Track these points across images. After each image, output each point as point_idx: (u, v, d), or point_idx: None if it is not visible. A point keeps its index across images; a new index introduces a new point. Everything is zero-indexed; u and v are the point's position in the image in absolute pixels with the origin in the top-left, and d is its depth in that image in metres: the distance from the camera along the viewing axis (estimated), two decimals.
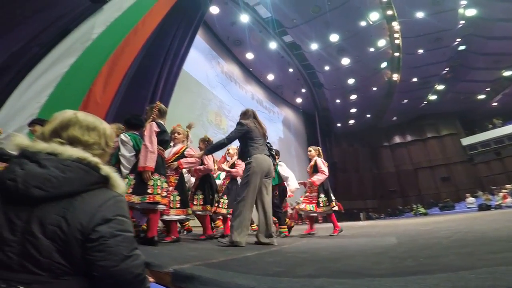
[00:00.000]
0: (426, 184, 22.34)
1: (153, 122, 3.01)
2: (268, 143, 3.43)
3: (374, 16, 13.85)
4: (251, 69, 16.83)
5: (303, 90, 19.33)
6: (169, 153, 3.54)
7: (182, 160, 3.49)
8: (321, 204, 4.39)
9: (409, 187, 22.66)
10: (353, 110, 21.38)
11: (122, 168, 3.00)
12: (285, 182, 4.90)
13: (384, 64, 17.04)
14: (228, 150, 4.83)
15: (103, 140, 1.04)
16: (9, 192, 0.82)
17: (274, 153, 3.50)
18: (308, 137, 21.24)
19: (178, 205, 3.27)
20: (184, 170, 3.70)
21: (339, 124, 22.78)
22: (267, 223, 3.01)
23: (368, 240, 3.59)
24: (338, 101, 19.92)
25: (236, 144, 3.71)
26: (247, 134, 3.17)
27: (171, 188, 3.30)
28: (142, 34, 7.14)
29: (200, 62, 12.08)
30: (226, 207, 4.12)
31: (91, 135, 1.00)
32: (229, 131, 15.28)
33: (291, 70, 17.24)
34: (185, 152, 3.53)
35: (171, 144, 3.66)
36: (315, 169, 4.60)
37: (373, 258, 2.06)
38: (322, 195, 4.44)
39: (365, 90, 18.95)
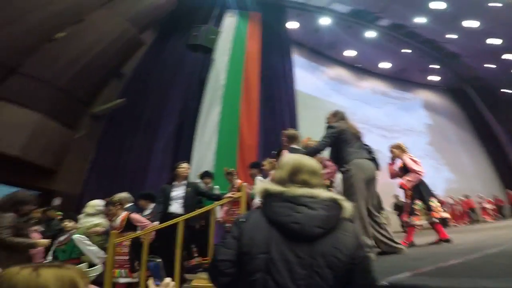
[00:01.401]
0: None
1: (285, 151, 3.17)
2: (366, 145, 3.02)
3: None
4: (359, 65, 15.68)
5: (435, 66, 16.09)
6: None
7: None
8: (417, 213, 3.63)
9: None
10: None
11: None
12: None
13: None
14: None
15: (322, 180, 1.19)
16: (292, 232, 1.00)
17: (375, 157, 3.01)
18: (469, 115, 16.81)
19: None
20: None
21: (506, 90, 17.10)
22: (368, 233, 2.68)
23: None
24: (489, 65, 15.31)
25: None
26: (340, 137, 2.82)
27: None
28: (252, 70, 7.94)
29: (305, 78, 12.19)
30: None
31: (316, 178, 1.15)
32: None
33: (408, 50, 15.01)
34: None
35: None
36: (405, 170, 3.78)
37: None
38: (418, 202, 3.66)
39: None
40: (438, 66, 15.94)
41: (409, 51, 14.89)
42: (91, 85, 5.75)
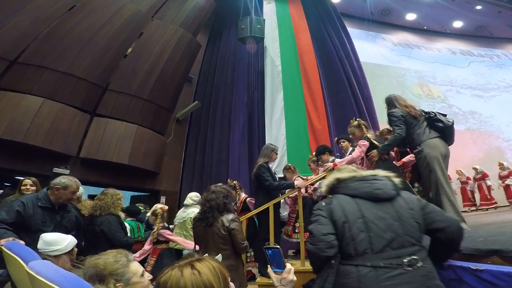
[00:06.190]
0: None
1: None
2: (429, 114, 2.83)
3: None
4: (425, 27, 13.95)
5: None
6: None
7: None
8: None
9: None
10: None
11: None
12: None
13: None
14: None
15: None
16: (376, 196, 1.34)
17: (446, 122, 2.75)
18: None
19: None
20: None
21: None
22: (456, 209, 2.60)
23: None
24: None
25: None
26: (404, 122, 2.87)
27: None
28: (306, 50, 7.66)
29: (366, 48, 11.64)
30: None
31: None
32: (447, 97, 12.49)
33: (479, 7, 12.69)
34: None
35: None
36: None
37: None
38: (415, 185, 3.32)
39: None
40: None
41: (480, 8, 12.95)
42: (169, 92, 6.34)
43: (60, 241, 1.73)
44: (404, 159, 3.57)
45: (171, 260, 3.19)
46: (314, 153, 4.25)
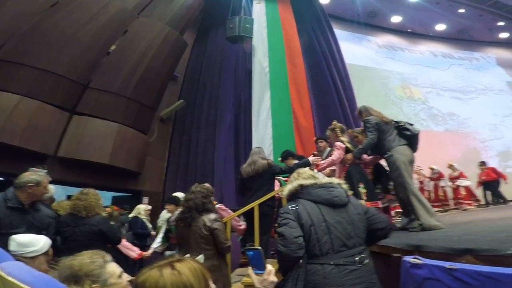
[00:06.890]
0: None
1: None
2: (398, 124, 3.15)
3: None
4: (409, 30, 14.32)
5: (501, 24, 13.88)
6: None
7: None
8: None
9: None
10: None
11: None
12: None
13: None
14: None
15: None
16: (335, 203, 1.54)
17: (413, 131, 3.08)
18: None
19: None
20: None
21: None
22: (426, 207, 2.83)
23: None
24: None
25: None
26: (378, 129, 3.11)
27: None
28: (294, 51, 7.71)
29: (352, 50, 11.74)
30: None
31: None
32: (427, 99, 12.82)
33: (461, 10, 13.21)
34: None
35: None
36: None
37: None
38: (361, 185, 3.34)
39: None
40: (503, 23, 13.78)
41: (463, 11, 13.25)
42: (153, 90, 6.23)
43: (35, 242, 1.68)
44: (366, 157, 3.64)
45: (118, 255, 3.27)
46: (279, 159, 4.14)
